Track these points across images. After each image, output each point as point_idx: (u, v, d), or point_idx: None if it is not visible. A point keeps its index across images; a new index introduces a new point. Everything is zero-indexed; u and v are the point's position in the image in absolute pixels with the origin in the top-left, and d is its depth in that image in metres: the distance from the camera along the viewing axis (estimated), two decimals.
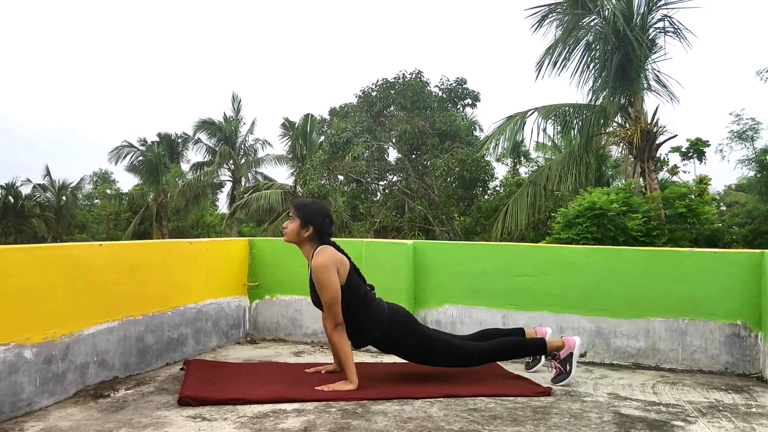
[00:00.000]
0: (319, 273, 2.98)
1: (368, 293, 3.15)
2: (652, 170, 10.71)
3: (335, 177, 18.38)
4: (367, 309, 3.09)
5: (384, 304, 3.18)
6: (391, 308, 3.18)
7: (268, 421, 2.52)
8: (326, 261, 3.00)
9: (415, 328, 3.17)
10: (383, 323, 3.10)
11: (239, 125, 28.91)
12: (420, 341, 3.15)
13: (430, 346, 3.16)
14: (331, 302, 2.99)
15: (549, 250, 4.01)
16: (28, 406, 2.61)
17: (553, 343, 3.24)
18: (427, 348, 3.16)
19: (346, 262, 3.09)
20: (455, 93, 18.43)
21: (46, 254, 2.80)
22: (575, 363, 3.19)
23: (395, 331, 3.12)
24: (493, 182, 18.96)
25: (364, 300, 3.10)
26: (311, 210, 3.14)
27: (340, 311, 3.01)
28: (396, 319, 3.14)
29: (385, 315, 3.11)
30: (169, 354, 3.54)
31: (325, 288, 2.98)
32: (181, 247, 3.81)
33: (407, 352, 3.18)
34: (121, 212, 28.93)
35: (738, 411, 2.79)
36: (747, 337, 3.54)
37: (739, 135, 17.76)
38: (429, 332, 3.23)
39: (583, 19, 10.91)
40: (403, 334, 3.12)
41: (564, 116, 11.87)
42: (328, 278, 2.98)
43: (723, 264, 3.60)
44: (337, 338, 3.03)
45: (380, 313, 3.11)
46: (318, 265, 2.99)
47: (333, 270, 2.99)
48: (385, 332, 3.11)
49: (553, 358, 3.24)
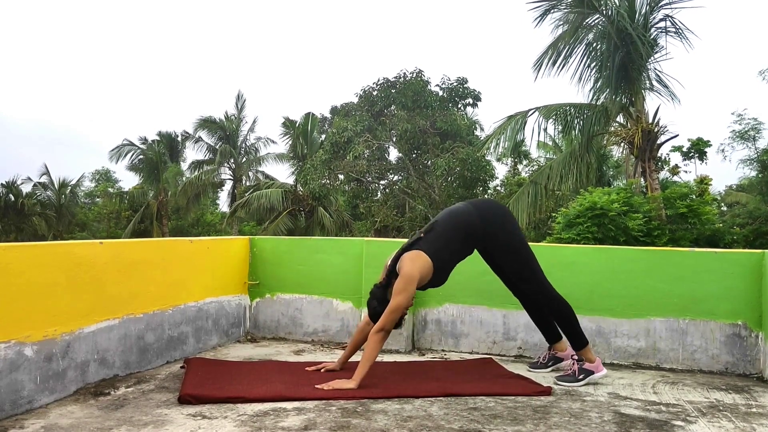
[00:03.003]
0: (406, 279, 2.99)
1: (439, 244, 3.14)
2: (653, 170, 10.69)
3: (336, 176, 18.39)
4: (455, 247, 3.19)
5: (469, 206, 3.26)
6: (477, 205, 3.31)
7: (268, 419, 2.52)
8: (415, 273, 3.01)
9: (513, 225, 3.33)
10: (479, 230, 3.20)
11: (241, 124, 28.94)
12: (517, 245, 3.29)
13: (526, 254, 3.28)
14: (398, 309, 2.99)
15: (550, 250, 4.01)
16: (29, 403, 2.62)
17: (589, 353, 3.24)
18: (523, 255, 3.27)
19: (428, 263, 3.08)
20: (456, 92, 18.43)
21: (47, 252, 2.80)
22: (587, 381, 3.17)
23: (486, 231, 3.23)
24: (494, 182, 18.99)
25: (447, 251, 3.17)
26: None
27: (396, 320, 3.01)
28: (486, 215, 3.24)
29: (473, 216, 3.20)
30: (169, 352, 3.54)
31: (401, 294, 2.99)
32: (182, 245, 3.82)
33: (503, 254, 3.30)
34: (122, 211, 28.95)
35: (738, 411, 2.79)
36: (747, 337, 3.54)
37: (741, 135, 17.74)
38: (524, 240, 3.35)
39: (587, 18, 10.89)
40: (501, 232, 3.25)
41: (565, 116, 11.84)
42: (407, 289, 2.99)
43: (723, 264, 3.60)
44: (376, 340, 2.99)
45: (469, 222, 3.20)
46: (409, 272, 3.00)
47: (415, 282, 3.01)
48: (483, 236, 3.22)
49: (578, 360, 3.23)
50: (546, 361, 3.49)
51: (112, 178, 35.84)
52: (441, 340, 4.02)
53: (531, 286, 3.30)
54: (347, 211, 22.52)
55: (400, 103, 17.62)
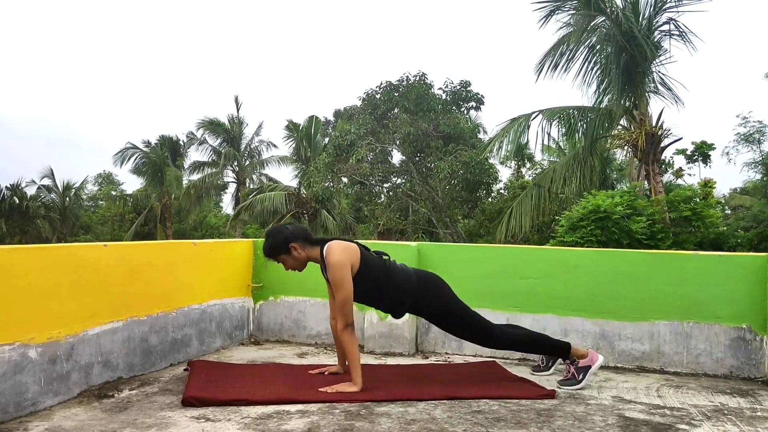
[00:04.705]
0: (335, 271, 2.98)
1: (389, 265, 3.15)
2: (657, 173, 10.66)
3: (339, 179, 18.40)
4: (392, 281, 3.10)
5: (410, 271, 3.19)
6: (418, 275, 3.20)
7: (271, 422, 2.52)
8: (341, 259, 2.99)
9: (445, 292, 3.20)
10: (412, 288, 3.11)
11: (243, 127, 28.98)
12: (449, 308, 3.17)
13: (459, 314, 3.18)
14: (345, 301, 2.99)
15: (553, 253, 4.01)
16: (33, 405, 2.62)
17: (578, 351, 3.25)
18: (456, 316, 3.18)
19: (354, 247, 3.09)
20: (459, 96, 18.41)
21: (51, 254, 2.81)
22: (589, 377, 3.18)
23: (425, 297, 3.14)
24: (497, 185, 18.98)
25: (387, 274, 3.10)
26: (276, 240, 3.11)
27: (352, 311, 3.01)
28: (424, 285, 3.16)
29: (412, 282, 3.13)
30: (173, 355, 3.55)
31: (340, 286, 2.98)
32: (186, 248, 3.82)
33: (436, 318, 3.22)
34: (126, 213, 29.01)
35: (743, 415, 2.78)
36: (752, 341, 3.53)
37: (746, 138, 17.72)
38: (459, 302, 3.23)
39: (593, 20, 10.87)
40: (433, 297, 3.15)
41: (568, 119, 11.83)
42: (343, 276, 2.98)
43: (728, 267, 3.59)
44: (347, 338, 3.00)
45: (407, 280, 3.12)
46: (333, 263, 2.99)
47: (347, 267, 3.00)
48: (416, 299, 3.13)
49: (571, 362, 3.23)
50: (547, 363, 3.49)
51: (115, 180, 35.95)
52: (444, 343, 4.02)
53: (478, 342, 3.30)
54: (350, 213, 22.52)
55: (403, 106, 17.61)
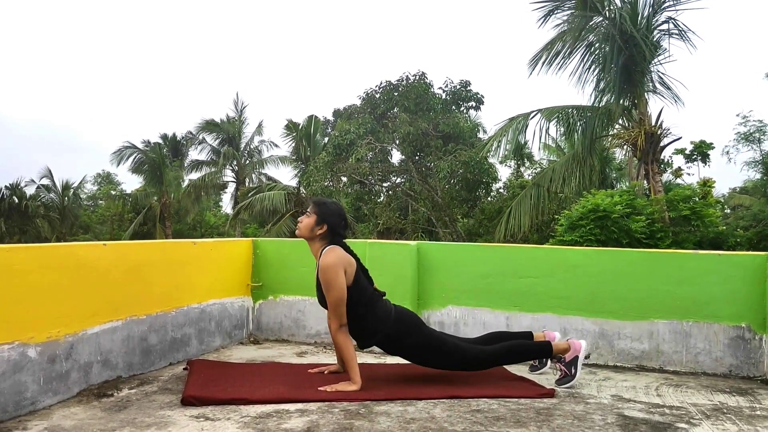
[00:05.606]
0: (327, 272, 2.98)
1: (375, 294, 3.15)
2: (656, 172, 10.67)
3: (339, 178, 18.39)
4: (373, 310, 3.09)
5: (390, 306, 3.18)
6: (397, 310, 3.18)
7: (271, 421, 2.52)
8: (334, 261, 3.00)
9: (420, 329, 3.17)
10: (389, 324, 3.09)
11: (242, 126, 28.97)
12: (425, 342, 3.14)
13: (436, 347, 3.14)
14: (337, 302, 2.99)
15: (553, 252, 4.01)
16: (32, 405, 2.62)
17: (559, 346, 3.24)
18: (433, 349, 3.14)
19: (353, 262, 3.09)
20: (459, 95, 18.43)
21: (51, 254, 2.81)
22: (580, 366, 3.19)
23: (400, 332, 3.11)
24: (497, 184, 18.98)
25: (370, 301, 3.10)
26: (329, 209, 3.16)
27: (345, 312, 3.01)
28: (401, 320, 3.14)
29: (390, 316, 3.11)
30: (172, 354, 3.55)
31: (332, 288, 2.98)
32: (185, 247, 3.82)
33: (412, 353, 3.18)
34: (125, 213, 28.99)
35: (742, 414, 2.78)
36: (751, 340, 3.53)
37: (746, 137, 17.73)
38: (435, 334, 3.22)
39: (591, 20, 10.88)
40: (408, 335, 3.12)
41: (567, 118, 11.84)
42: (335, 278, 2.98)
43: (727, 266, 3.59)
44: (342, 339, 3.03)
45: (386, 314, 3.11)
46: (326, 264, 2.99)
47: (341, 270, 2.99)
48: (390, 333, 3.10)
49: (558, 360, 3.24)
50: (537, 362, 3.49)
51: (114, 180, 35.93)
52: None
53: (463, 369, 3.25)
54: (350, 213, 22.52)
55: (402, 105, 17.62)
